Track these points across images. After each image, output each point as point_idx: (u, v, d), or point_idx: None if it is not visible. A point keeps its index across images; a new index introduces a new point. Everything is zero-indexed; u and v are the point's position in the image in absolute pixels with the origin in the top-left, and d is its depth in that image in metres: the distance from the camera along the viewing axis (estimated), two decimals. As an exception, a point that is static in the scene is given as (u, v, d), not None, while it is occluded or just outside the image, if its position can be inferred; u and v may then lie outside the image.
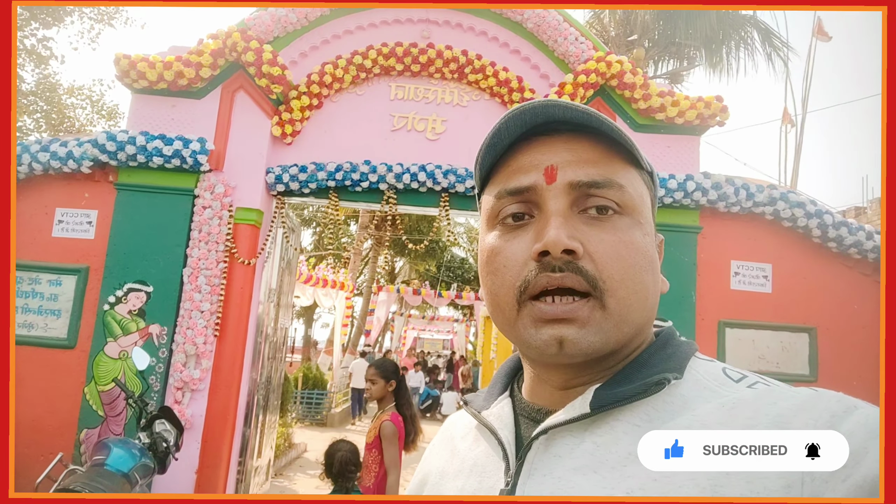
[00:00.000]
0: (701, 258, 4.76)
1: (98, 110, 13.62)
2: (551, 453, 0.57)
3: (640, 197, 0.62)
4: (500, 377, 0.74)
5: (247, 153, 4.81)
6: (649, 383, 0.55)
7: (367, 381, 3.78)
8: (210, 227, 4.57)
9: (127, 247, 4.58)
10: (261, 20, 4.79)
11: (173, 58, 4.68)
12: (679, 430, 0.52)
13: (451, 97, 5.10)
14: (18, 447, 4.30)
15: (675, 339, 0.63)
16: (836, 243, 4.72)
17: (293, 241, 5.76)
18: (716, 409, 0.53)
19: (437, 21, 5.07)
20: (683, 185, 4.65)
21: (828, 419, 0.47)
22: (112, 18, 13.09)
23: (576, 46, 4.87)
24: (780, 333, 4.73)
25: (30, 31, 12.08)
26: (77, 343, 4.54)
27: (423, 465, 0.77)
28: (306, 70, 4.97)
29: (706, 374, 0.58)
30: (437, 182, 4.84)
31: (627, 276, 0.57)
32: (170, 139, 4.54)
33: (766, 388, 0.54)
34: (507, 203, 0.62)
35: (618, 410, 0.56)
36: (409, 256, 22.23)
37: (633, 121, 4.92)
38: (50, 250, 4.64)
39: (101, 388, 4.42)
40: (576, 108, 0.59)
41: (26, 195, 4.70)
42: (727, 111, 4.82)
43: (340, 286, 13.23)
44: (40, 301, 4.60)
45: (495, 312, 0.62)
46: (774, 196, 4.70)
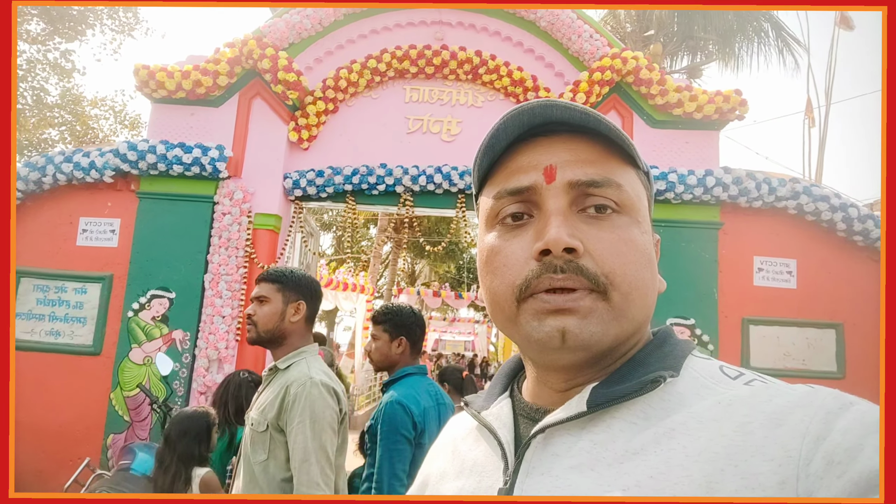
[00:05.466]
0: (722, 254, 4.69)
1: (121, 120, 13.91)
2: (549, 452, 0.58)
3: (638, 196, 0.62)
4: (500, 377, 0.74)
5: (264, 159, 4.86)
6: (645, 381, 0.55)
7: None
8: (230, 233, 4.63)
9: (149, 254, 4.66)
10: (276, 27, 4.84)
11: (191, 67, 4.76)
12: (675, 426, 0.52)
13: (465, 98, 5.10)
14: (47, 453, 4.39)
15: (672, 337, 0.64)
16: (863, 237, 4.62)
17: (312, 245, 5.80)
18: (712, 406, 0.53)
19: (450, 22, 5.08)
20: (703, 180, 4.59)
21: (823, 415, 0.47)
22: (132, 29, 13.35)
23: (590, 44, 4.84)
24: (805, 330, 4.64)
25: (53, 45, 12.38)
26: (102, 350, 4.63)
27: (425, 466, 0.77)
28: (321, 75, 5.02)
29: (703, 371, 0.58)
30: (454, 183, 4.84)
31: (628, 273, 0.57)
32: (189, 147, 4.61)
33: (762, 386, 0.54)
34: (506, 203, 0.62)
35: (615, 408, 0.56)
36: (428, 258, 22.30)
37: (651, 117, 4.87)
38: (75, 259, 4.74)
39: (126, 393, 4.50)
40: (574, 108, 0.59)
41: (51, 205, 4.81)
42: (746, 105, 4.75)
43: (361, 289, 13.30)
44: (66, 309, 4.69)
45: (495, 312, 0.62)
46: (797, 190, 4.61)
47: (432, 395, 2.35)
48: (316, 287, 2.10)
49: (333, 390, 1.85)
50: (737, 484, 0.47)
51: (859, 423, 0.45)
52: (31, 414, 4.43)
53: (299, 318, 2.01)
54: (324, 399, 1.80)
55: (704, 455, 0.49)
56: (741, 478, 0.47)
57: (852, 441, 0.44)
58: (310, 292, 2.06)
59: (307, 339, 2.04)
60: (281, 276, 2.02)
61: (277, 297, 1.99)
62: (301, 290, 2.03)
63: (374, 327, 2.46)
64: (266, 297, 1.98)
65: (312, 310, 2.06)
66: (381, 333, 2.42)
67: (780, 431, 0.47)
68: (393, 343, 2.40)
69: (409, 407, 2.18)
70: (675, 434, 0.52)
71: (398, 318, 2.42)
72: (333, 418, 1.80)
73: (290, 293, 2.00)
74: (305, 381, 1.82)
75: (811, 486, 0.44)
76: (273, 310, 1.97)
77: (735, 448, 0.48)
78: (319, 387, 1.81)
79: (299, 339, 2.01)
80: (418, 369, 2.41)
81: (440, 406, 2.35)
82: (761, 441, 0.47)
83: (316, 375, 1.85)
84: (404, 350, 2.41)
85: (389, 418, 2.15)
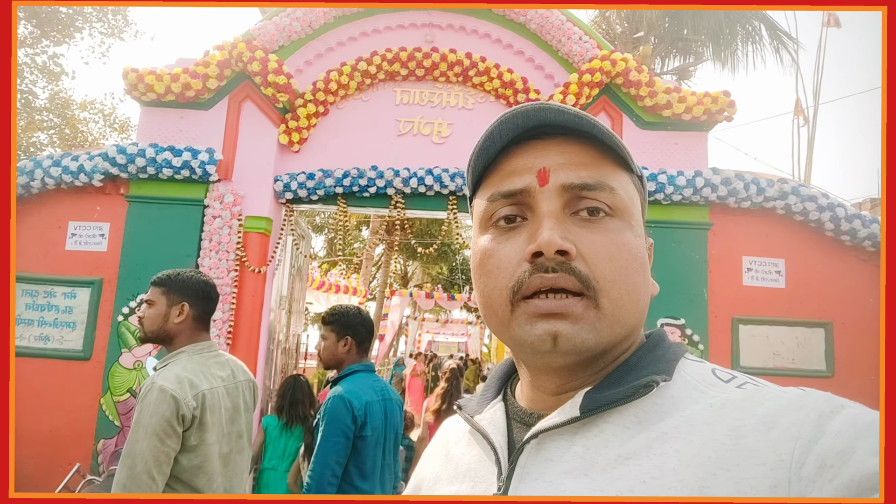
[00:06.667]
0: (712, 255, 4.72)
1: (110, 123, 13.82)
2: (542, 457, 0.58)
3: (631, 199, 0.62)
4: (493, 381, 0.74)
5: (255, 162, 4.85)
6: (638, 386, 0.55)
7: None
8: (220, 237, 4.61)
9: (139, 258, 4.63)
10: (265, 30, 4.83)
11: (180, 70, 4.74)
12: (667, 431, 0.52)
13: (456, 100, 5.10)
14: (36, 458, 4.36)
15: (664, 340, 0.63)
16: (850, 236, 4.67)
17: (303, 248, 5.79)
18: (704, 410, 0.53)
19: (440, 25, 5.08)
20: (692, 181, 4.62)
21: (815, 419, 0.47)
22: (122, 32, 13.26)
23: (580, 45, 4.86)
24: (794, 329, 4.67)
25: (41, 48, 12.28)
26: (92, 354, 4.59)
27: (419, 470, 0.77)
28: (312, 78, 5.01)
29: (695, 375, 0.58)
30: (445, 185, 4.85)
31: (620, 277, 0.57)
32: (179, 150, 4.59)
33: (754, 389, 0.54)
34: (499, 206, 0.62)
35: (607, 413, 0.56)
36: (421, 260, 22.27)
37: (640, 118, 4.90)
38: (64, 263, 4.71)
39: (116, 398, 4.47)
40: (567, 111, 0.60)
41: (39, 210, 4.77)
42: (735, 106, 4.79)
43: (353, 291, 13.27)
44: (55, 314, 4.66)
45: (488, 314, 0.62)
46: (785, 190, 4.65)
47: (377, 390, 2.51)
48: (204, 288, 2.17)
49: (173, 396, 1.87)
50: (729, 488, 0.47)
51: (851, 425, 0.46)
52: (20, 419, 4.39)
53: (183, 318, 2.10)
54: (156, 405, 1.85)
55: (697, 459, 0.49)
56: (734, 482, 0.47)
57: (844, 444, 0.44)
58: (195, 293, 2.14)
59: (196, 337, 2.13)
60: (165, 280, 2.12)
61: (162, 299, 2.10)
62: (185, 291, 2.12)
63: (323, 328, 2.60)
64: (152, 300, 2.10)
65: (200, 310, 2.15)
66: (328, 334, 2.58)
67: (772, 435, 0.48)
68: (339, 342, 2.55)
69: (351, 402, 2.35)
70: (667, 438, 0.52)
71: (344, 318, 2.57)
72: (161, 425, 1.84)
73: (174, 295, 2.11)
74: (149, 385, 1.89)
75: (803, 489, 0.44)
76: (157, 312, 2.09)
77: (727, 452, 0.48)
78: (156, 392, 1.87)
79: (186, 338, 2.11)
80: (365, 367, 2.57)
81: (386, 401, 2.53)
82: (753, 445, 0.48)
83: (161, 380, 1.90)
84: (350, 349, 2.56)
85: (331, 413, 2.32)
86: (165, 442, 1.84)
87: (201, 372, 2.03)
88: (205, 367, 2.06)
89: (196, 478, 1.93)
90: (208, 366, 2.08)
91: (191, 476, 1.92)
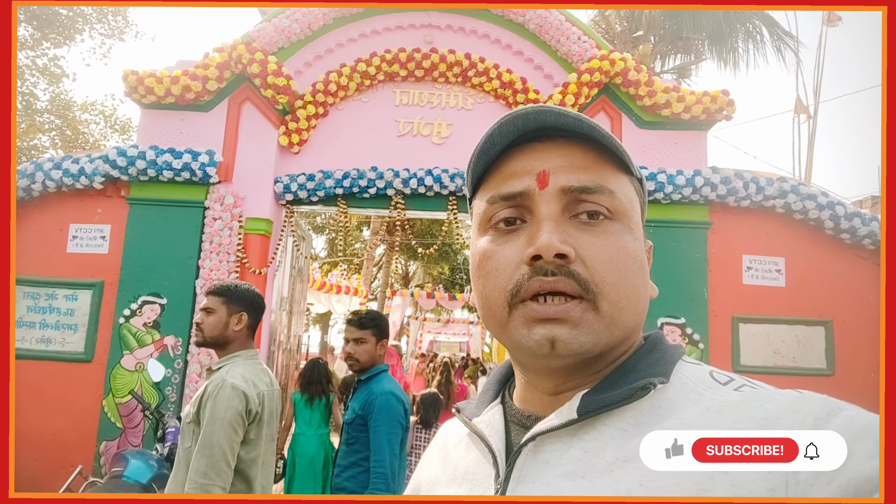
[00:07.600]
0: (712, 253, 4.72)
1: (111, 125, 13.82)
2: (540, 460, 0.58)
3: (631, 203, 0.62)
4: (491, 384, 0.74)
5: (255, 164, 4.85)
6: (635, 388, 0.55)
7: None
8: (221, 238, 4.62)
9: (140, 260, 4.64)
10: (265, 32, 4.84)
11: (180, 72, 4.75)
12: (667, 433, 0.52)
13: (455, 101, 5.11)
14: (39, 461, 4.37)
15: (662, 342, 0.63)
16: (850, 234, 4.67)
17: (303, 249, 5.80)
18: (702, 412, 0.53)
19: (439, 25, 5.09)
20: (692, 180, 4.62)
21: (812, 422, 0.47)
22: (122, 33, 13.26)
23: (578, 45, 4.86)
24: (795, 327, 4.67)
25: (41, 50, 12.28)
26: (94, 357, 4.60)
27: (417, 473, 0.77)
28: (311, 79, 5.01)
29: (693, 377, 0.58)
30: (444, 186, 4.85)
31: (619, 280, 0.57)
32: (179, 152, 4.60)
33: (752, 391, 0.54)
34: (499, 208, 0.62)
35: (605, 415, 0.56)
36: (422, 260, 22.25)
37: (639, 118, 4.90)
38: (65, 266, 4.72)
39: (118, 400, 4.48)
40: (567, 114, 0.60)
41: (41, 212, 4.78)
42: (734, 105, 4.79)
43: (354, 292, 13.27)
44: (57, 316, 4.67)
45: (487, 316, 0.62)
46: (785, 189, 4.65)
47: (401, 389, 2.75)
48: (259, 300, 2.35)
49: (244, 393, 2.06)
50: (727, 490, 0.47)
51: (847, 428, 0.46)
52: (22, 422, 4.40)
53: (241, 327, 2.26)
54: (229, 400, 2.02)
55: None
56: (731, 484, 0.47)
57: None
58: (252, 305, 2.31)
59: (246, 344, 2.29)
60: (225, 290, 2.27)
61: (222, 308, 2.24)
62: (244, 302, 2.28)
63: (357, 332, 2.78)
64: (211, 308, 2.23)
65: (254, 320, 2.32)
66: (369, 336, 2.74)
67: None
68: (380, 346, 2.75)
69: (400, 396, 2.61)
70: None
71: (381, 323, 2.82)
72: (235, 418, 2.02)
73: (234, 305, 2.25)
74: (219, 382, 2.06)
75: (800, 492, 0.44)
76: (217, 319, 2.23)
77: None
78: (229, 388, 2.04)
79: (240, 345, 2.27)
80: (386, 367, 2.82)
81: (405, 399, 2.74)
82: None
83: (231, 378, 2.07)
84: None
85: (385, 408, 2.55)
86: (238, 432, 2.03)
87: (256, 375, 2.19)
88: (256, 372, 2.22)
89: (251, 468, 2.10)
90: (257, 372, 2.23)
91: (246, 467, 2.09)
